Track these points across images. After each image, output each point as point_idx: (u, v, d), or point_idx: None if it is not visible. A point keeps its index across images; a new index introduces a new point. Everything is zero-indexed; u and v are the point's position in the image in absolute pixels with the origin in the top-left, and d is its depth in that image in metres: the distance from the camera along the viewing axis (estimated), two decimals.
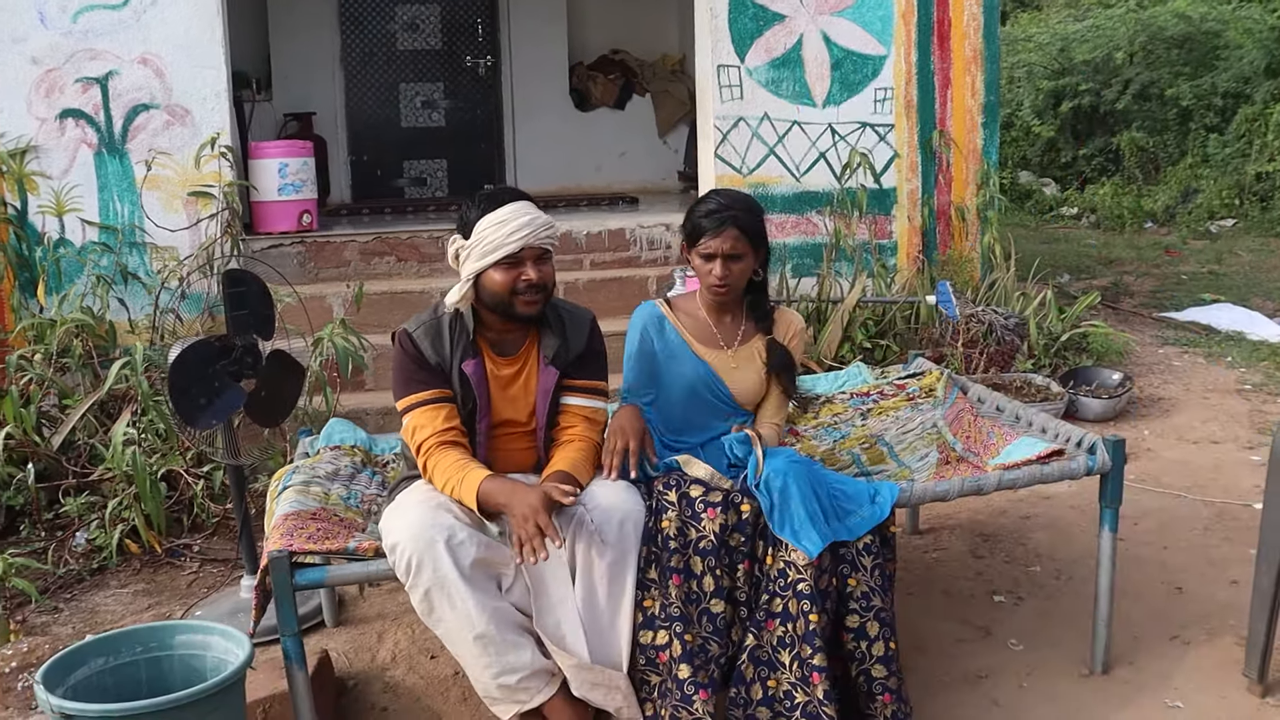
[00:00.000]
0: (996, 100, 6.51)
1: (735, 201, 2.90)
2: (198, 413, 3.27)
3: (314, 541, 2.51)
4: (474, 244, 2.60)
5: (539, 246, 2.61)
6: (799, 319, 3.08)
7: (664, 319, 3.00)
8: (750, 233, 2.87)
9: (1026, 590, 3.58)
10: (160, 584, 3.97)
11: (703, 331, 2.99)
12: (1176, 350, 6.72)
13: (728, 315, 3.01)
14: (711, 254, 2.85)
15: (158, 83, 5.35)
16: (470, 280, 2.62)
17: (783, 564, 2.56)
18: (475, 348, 2.67)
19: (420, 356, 2.64)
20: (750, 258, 2.89)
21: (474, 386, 2.64)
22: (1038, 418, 3.24)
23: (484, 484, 2.47)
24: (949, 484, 2.82)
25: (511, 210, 2.60)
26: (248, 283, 3.45)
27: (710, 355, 2.97)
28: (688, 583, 2.58)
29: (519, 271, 2.59)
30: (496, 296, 2.60)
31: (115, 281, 5.25)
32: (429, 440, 2.59)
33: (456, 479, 2.51)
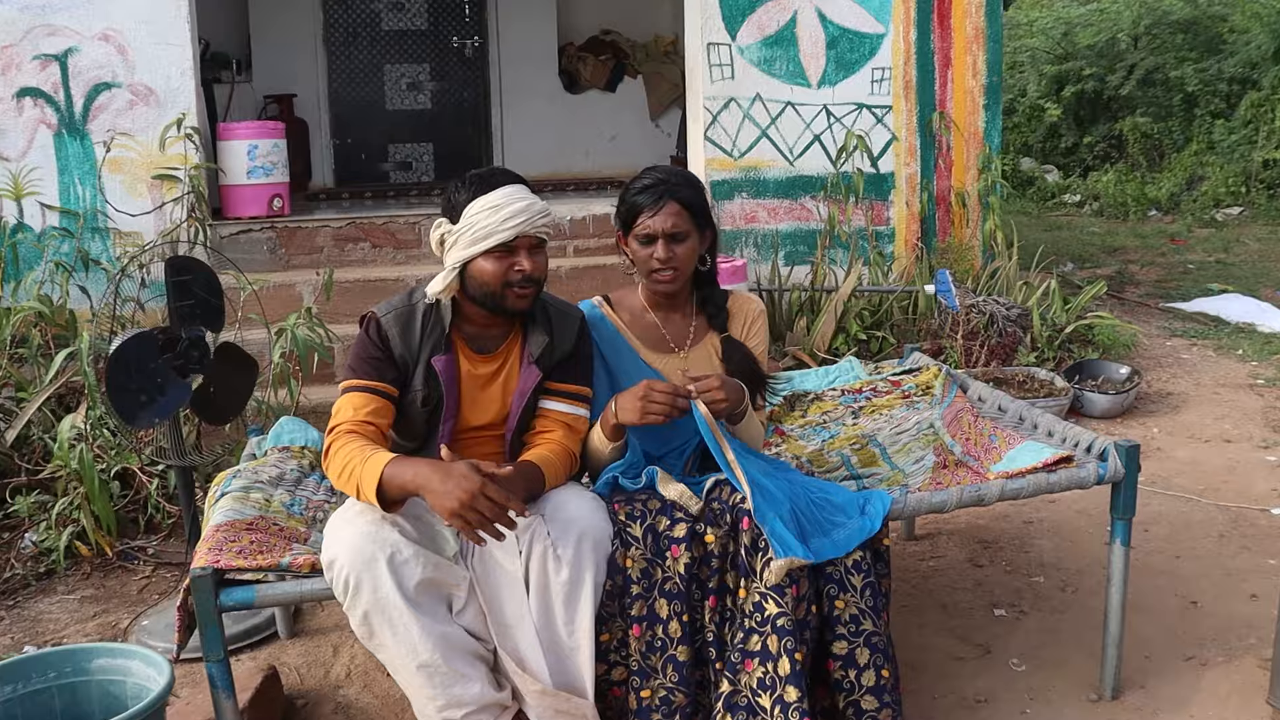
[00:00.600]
0: (999, 81, 6.26)
1: (672, 175, 2.57)
2: (138, 410, 3.04)
3: (244, 556, 2.27)
4: (463, 229, 2.34)
5: (534, 235, 2.36)
6: (756, 303, 2.75)
7: (604, 320, 2.67)
8: (693, 208, 2.54)
9: (1029, 603, 3.34)
10: (110, 590, 3.74)
11: (649, 333, 2.67)
12: (1185, 342, 6.48)
13: (676, 312, 2.68)
14: (650, 234, 2.51)
15: (120, 60, 5.11)
16: (456, 269, 2.37)
17: (758, 596, 2.31)
18: (449, 342, 2.43)
19: (383, 344, 2.40)
20: (694, 238, 2.56)
21: (443, 384, 2.40)
22: (1043, 419, 3.00)
23: (390, 466, 2.14)
24: (946, 494, 2.58)
25: (506, 194, 2.34)
26: (193, 270, 3.21)
27: (660, 361, 2.65)
28: (650, 629, 2.33)
29: (512, 262, 2.34)
30: (485, 288, 2.35)
31: (76, 268, 5.01)
32: (341, 426, 2.32)
33: (357, 463, 2.18)
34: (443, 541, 2.29)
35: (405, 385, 2.42)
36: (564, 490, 2.39)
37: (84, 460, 3.69)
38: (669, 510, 2.37)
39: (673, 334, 2.68)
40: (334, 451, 2.28)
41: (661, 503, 2.39)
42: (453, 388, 2.41)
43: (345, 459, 2.24)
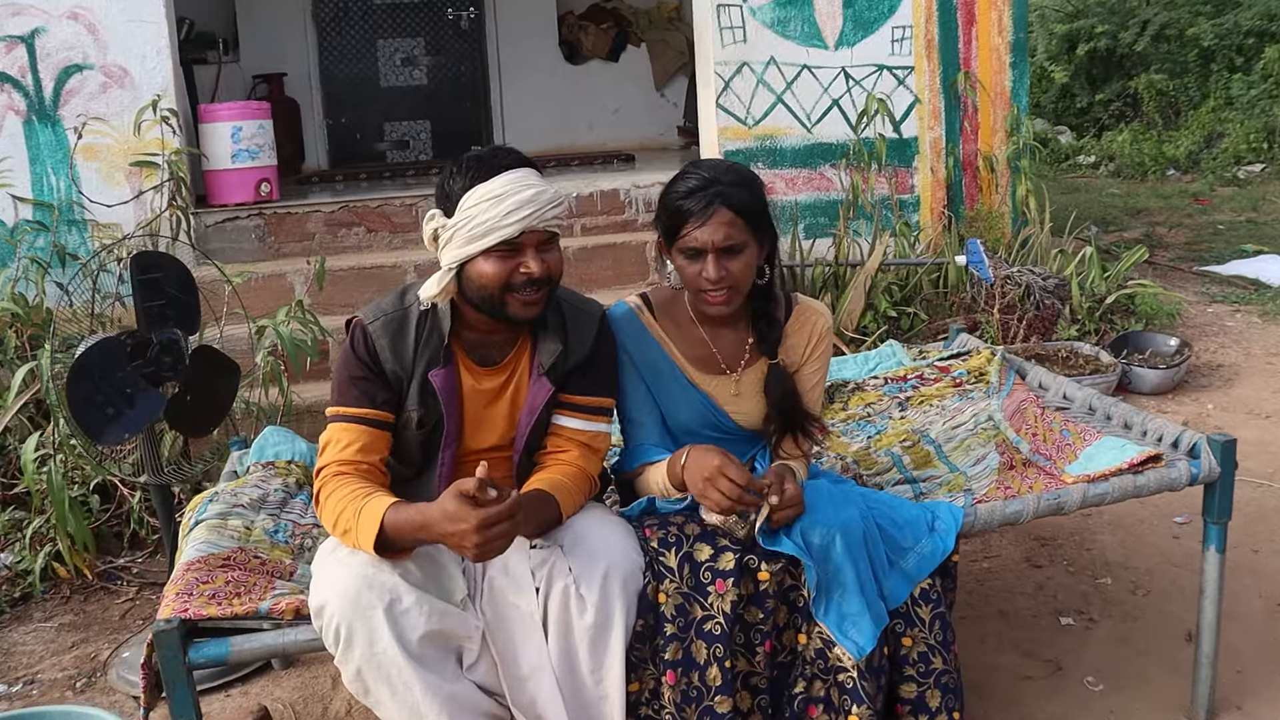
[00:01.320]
0: (1026, 38, 5.89)
1: (723, 173, 2.13)
2: (106, 425, 2.73)
3: (218, 602, 1.96)
4: (459, 224, 1.97)
5: (544, 230, 2.00)
6: (823, 316, 2.33)
7: (645, 332, 2.27)
8: (749, 214, 2.12)
9: (1099, 609, 3.03)
10: (90, 615, 3.44)
11: (697, 350, 2.28)
12: (1227, 308, 6.13)
13: (728, 327, 2.29)
14: (698, 248, 2.10)
15: (91, 40, 4.77)
16: (452, 270, 2.02)
17: (821, 643, 2.01)
18: (448, 353, 2.08)
19: (372, 359, 2.06)
20: (751, 249, 2.14)
21: (442, 403, 2.06)
22: (1117, 409, 2.68)
23: (391, 512, 1.84)
24: (1021, 504, 2.26)
25: (510, 181, 1.96)
26: (164, 267, 2.89)
27: (709, 383, 2.28)
28: (686, 676, 2.00)
29: (517, 262, 1.98)
30: (485, 293, 2.00)
31: (52, 264, 4.68)
32: (330, 466, 2.00)
33: (351, 511, 1.88)
34: (450, 582, 1.97)
35: (399, 405, 2.09)
36: (586, 516, 2.06)
37: (53, 482, 3.38)
38: (710, 536, 2.05)
39: (724, 352, 2.29)
40: (325, 498, 1.97)
41: (701, 527, 2.07)
42: (454, 407, 2.08)
43: (337, 507, 1.93)
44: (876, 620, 2.03)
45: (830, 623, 2.01)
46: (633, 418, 2.27)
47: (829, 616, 2.02)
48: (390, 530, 1.85)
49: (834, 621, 2.01)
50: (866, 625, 2.01)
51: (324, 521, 1.98)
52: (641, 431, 2.26)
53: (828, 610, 2.02)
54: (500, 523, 1.77)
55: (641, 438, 2.26)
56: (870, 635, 2.01)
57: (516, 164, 2.02)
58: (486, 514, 1.75)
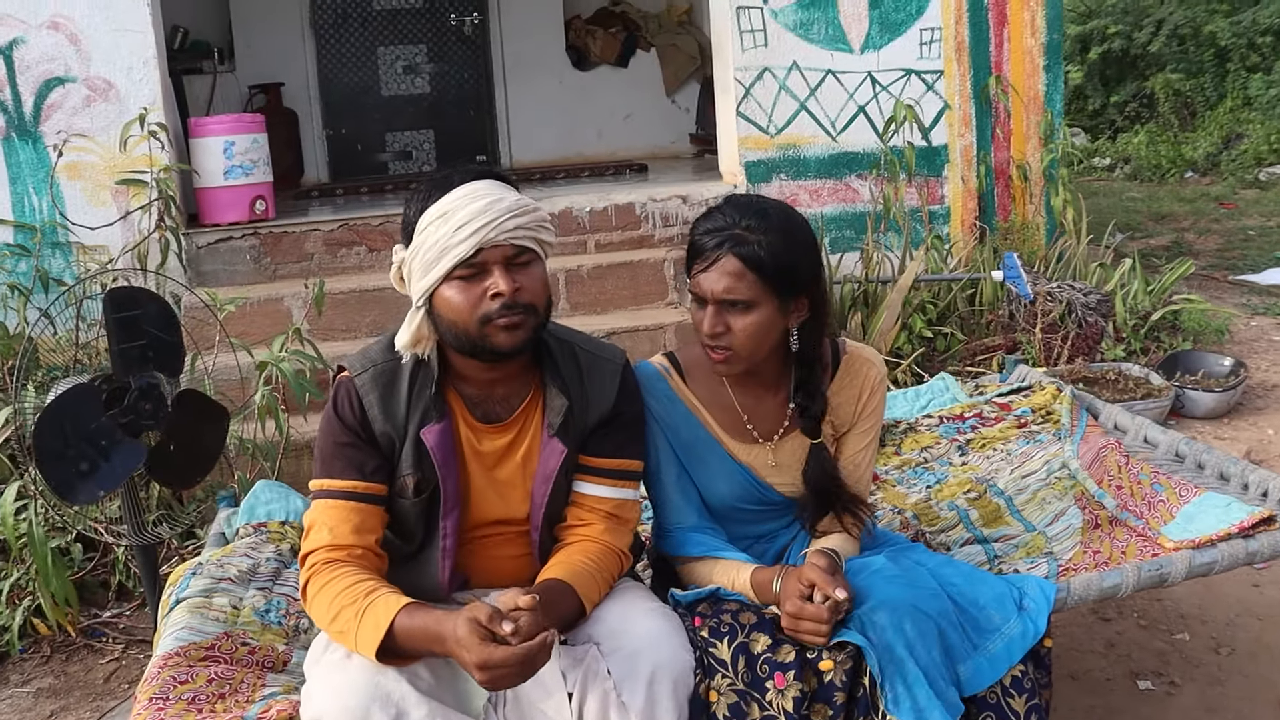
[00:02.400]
0: (1060, 39, 5.62)
1: (750, 216, 1.84)
2: (79, 481, 2.46)
3: (196, 709, 1.68)
4: (414, 252, 1.74)
5: (508, 244, 1.72)
6: (877, 367, 2.04)
7: (675, 398, 2.00)
8: (765, 268, 1.82)
9: (1179, 670, 2.74)
10: (72, 677, 3.16)
11: (727, 416, 2.01)
12: (1271, 321, 5.84)
13: (763, 390, 2.01)
14: (700, 295, 1.86)
15: (73, 51, 4.50)
16: (421, 309, 1.76)
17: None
18: (442, 407, 1.80)
19: (358, 422, 1.78)
20: (765, 310, 1.85)
21: (437, 464, 1.78)
22: (1209, 457, 2.40)
23: (404, 616, 1.58)
24: (1120, 574, 1.98)
25: (461, 195, 1.70)
26: (143, 303, 2.61)
27: (747, 453, 2.00)
28: None
29: (484, 284, 1.71)
30: (457, 328, 1.73)
31: (34, 290, 4.41)
32: (317, 554, 1.73)
33: (351, 611, 1.62)
34: (471, 689, 1.68)
35: (392, 473, 1.81)
36: (623, 604, 1.77)
37: (34, 535, 3.10)
38: (768, 625, 1.76)
39: (759, 418, 2.01)
40: (316, 591, 1.69)
41: (757, 615, 1.78)
42: (451, 468, 1.79)
43: (333, 605, 1.65)
44: (950, 710, 1.74)
45: (904, 715, 1.72)
46: (667, 496, 1.99)
47: (901, 708, 1.73)
48: (401, 637, 1.57)
49: (908, 713, 1.72)
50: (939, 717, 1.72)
51: (316, 618, 1.70)
52: (679, 513, 1.98)
53: (898, 701, 1.73)
54: (509, 666, 1.50)
55: (682, 520, 1.98)
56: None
57: (474, 177, 1.75)
58: (489, 656, 1.49)
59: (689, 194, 5.24)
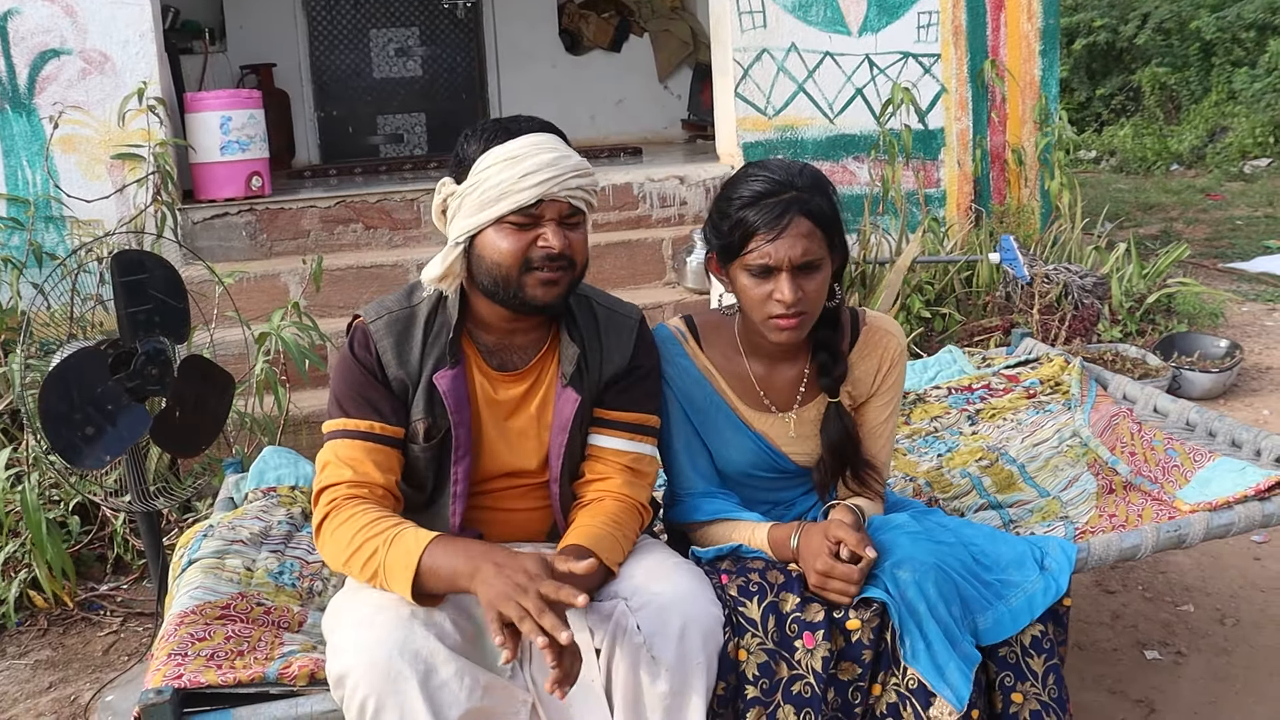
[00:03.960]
0: (1057, 24, 5.63)
1: (797, 175, 1.82)
2: (84, 446, 2.42)
3: (217, 665, 1.66)
4: (470, 189, 1.70)
5: (567, 201, 1.71)
6: (897, 337, 2.01)
7: (689, 363, 1.98)
8: (827, 223, 1.81)
9: (1185, 641, 2.75)
10: (70, 650, 3.13)
11: (742, 385, 1.99)
12: (1262, 307, 5.88)
13: (785, 360, 1.98)
14: (771, 266, 1.79)
15: (68, 23, 4.44)
16: (461, 244, 1.73)
17: (895, 695, 1.72)
18: (458, 352, 1.79)
19: (374, 365, 1.77)
20: (829, 266, 1.84)
21: (450, 410, 1.76)
22: (1220, 424, 2.40)
23: (431, 548, 1.58)
24: (1139, 535, 1.98)
25: (530, 143, 1.69)
26: (150, 268, 2.58)
27: (763, 421, 1.98)
28: None
29: (534, 235, 1.70)
30: (497, 271, 1.71)
31: (28, 264, 4.36)
32: (337, 488, 1.71)
33: (379, 544, 1.61)
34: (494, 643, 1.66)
35: (407, 418, 1.80)
36: (650, 560, 1.75)
37: (28, 503, 3.06)
38: (796, 584, 1.75)
39: (779, 390, 1.98)
40: (334, 527, 1.66)
41: (784, 574, 1.77)
42: (464, 414, 1.77)
43: (355, 538, 1.62)
44: (967, 661, 1.74)
45: (923, 668, 1.71)
46: (680, 461, 1.97)
47: (919, 661, 1.72)
48: (427, 575, 1.56)
49: (927, 667, 1.72)
50: (955, 670, 1.72)
51: (331, 556, 1.68)
52: (690, 479, 1.97)
53: (917, 655, 1.73)
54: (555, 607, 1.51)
55: (692, 486, 1.97)
56: (965, 680, 1.71)
57: (539, 129, 1.75)
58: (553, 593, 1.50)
59: (686, 175, 5.23)
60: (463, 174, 1.73)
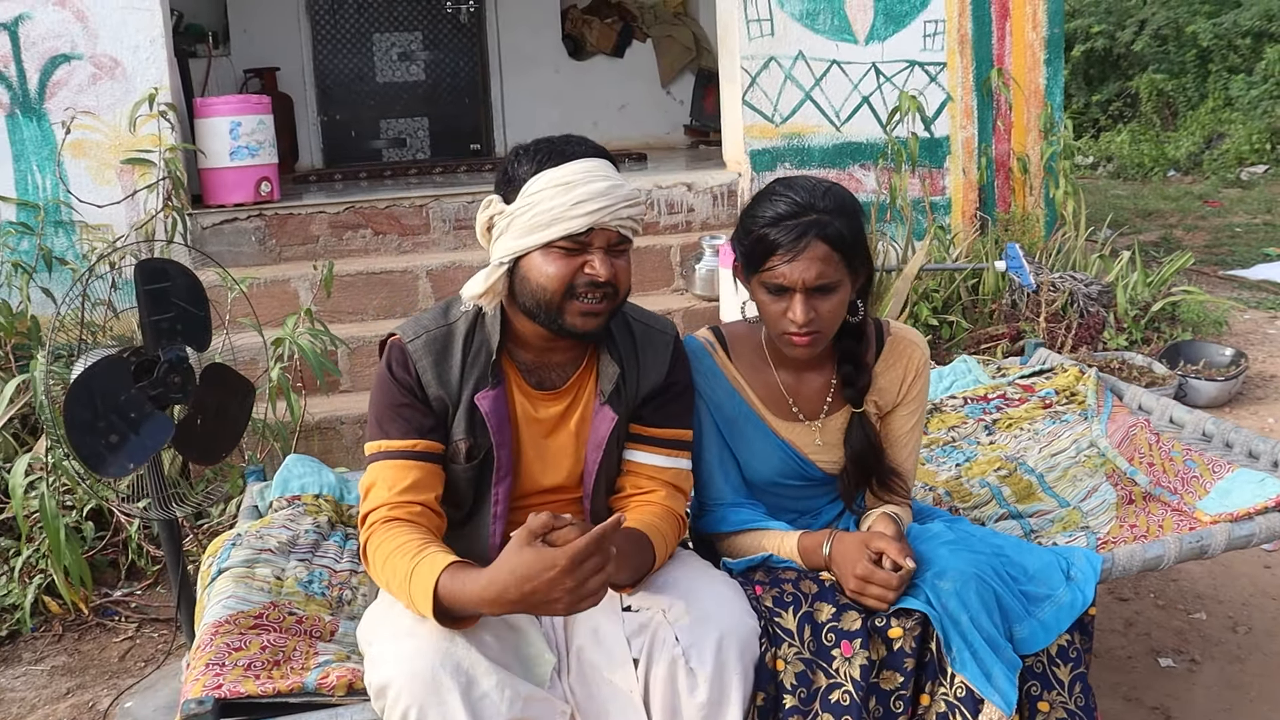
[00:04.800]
0: (1061, 34, 5.66)
1: (820, 197, 1.83)
2: (108, 454, 2.43)
3: (255, 675, 1.67)
4: (520, 211, 1.70)
5: (616, 230, 1.72)
6: (920, 347, 2.04)
7: (718, 374, 2.01)
8: (846, 246, 1.83)
9: (1199, 649, 2.77)
10: (86, 655, 3.14)
11: (771, 394, 2.02)
12: (1265, 315, 5.91)
13: (810, 371, 2.02)
14: (785, 286, 1.84)
15: (79, 28, 4.45)
16: (504, 266, 1.74)
17: (944, 706, 1.73)
18: (498, 372, 1.80)
19: (413, 384, 1.78)
20: (846, 287, 1.87)
21: (491, 429, 1.78)
22: (1238, 435, 2.43)
23: (446, 578, 1.55)
24: (1162, 546, 2.00)
25: (583, 170, 1.70)
26: (172, 276, 2.59)
27: (790, 430, 2.01)
28: None
29: (581, 262, 1.71)
30: (540, 295, 1.72)
31: (37, 268, 4.37)
32: (377, 512, 1.72)
33: (403, 572, 1.60)
34: (531, 650, 1.67)
35: (447, 435, 1.81)
36: (686, 571, 1.77)
37: (46, 509, 3.07)
38: (831, 594, 1.77)
39: (805, 399, 2.01)
40: (372, 552, 1.68)
41: (818, 583, 1.79)
42: (505, 435, 1.79)
43: (386, 566, 1.64)
44: (1010, 666, 1.76)
45: (971, 675, 1.73)
46: (709, 472, 2.00)
47: (967, 669, 1.74)
48: (446, 600, 1.55)
49: (975, 674, 1.73)
50: (1001, 675, 1.74)
51: (376, 578, 1.69)
52: (719, 489, 1.99)
53: (964, 663, 1.74)
54: (594, 557, 1.48)
55: (721, 496, 1.99)
56: (1011, 685, 1.73)
57: (592, 154, 1.76)
58: (576, 548, 1.46)
59: (694, 182, 5.25)
60: (512, 194, 1.73)
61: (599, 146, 1.79)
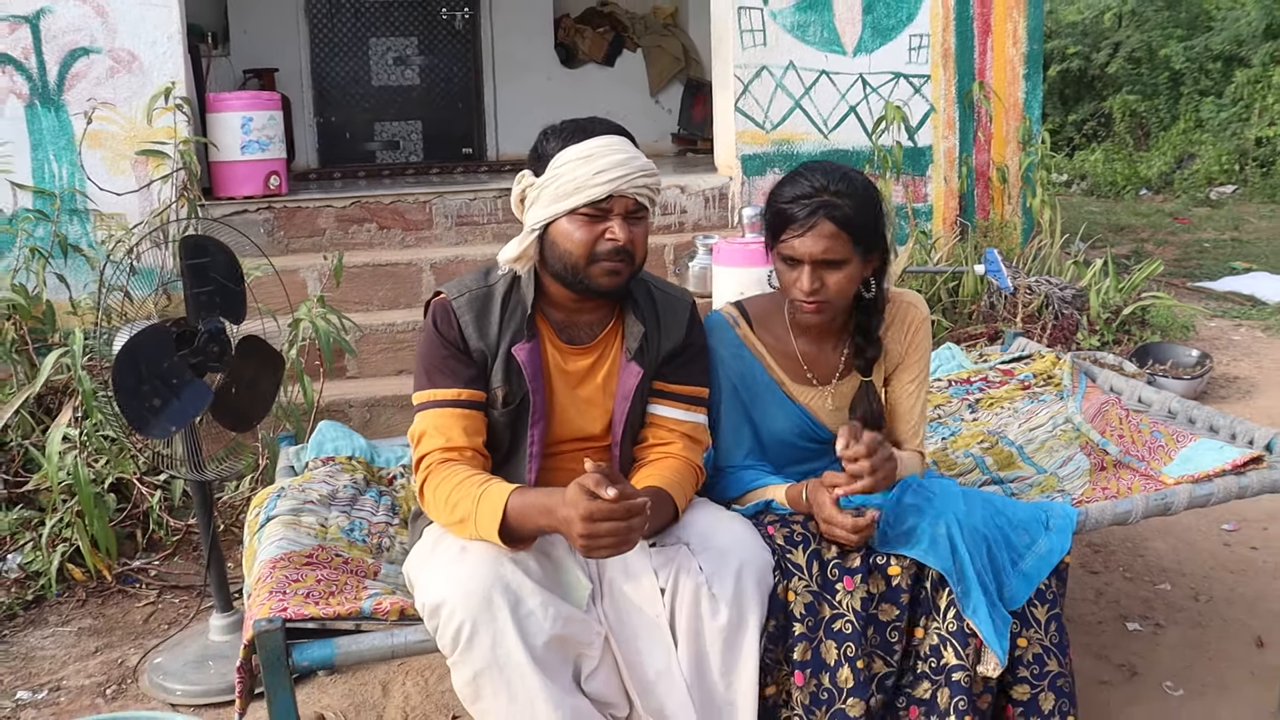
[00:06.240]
0: (1041, 50, 5.90)
1: (835, 181, 2.02)
2: (151, 417, 2.59)
3: (315, 601, 1.84)
4: (548, 182, 1.90)
5: (633, 197, 1.92)
6: (919, 308, 2.23)
7: (741, 346, 2.19)
8: (855, 229, 2.01)
9: (1163, 615, 2.98)
10: (111, 619, 3.28)
11: (789, 362, 2.20)
12: (1229, 323, 6.18)
13: (826, 340, 2.21)
14: (796, 257, 2.03)
15: (99, 23, 4.61)
16: (536, 232, 1.94)
17: (937, 639, 1.93)
18: (533, 327, 1.99)
19: (457, 337, 1.96)
20: (854, 265, 2.04)
21: (527, 377, 1.96)
22: (1200, 412, 2.64)
23: (515, 497, 1.77)
24: (1131, 503, 2.20)
25: (603, 144, 1.90)
26: (211, 252, 2.77)
27: (805, 394, 2.20)
28: (816, 678, 1.91)
29: (603, 228, 1.90)
30: (568, 259, 1.92)
31: (53, 254, 4.50)
32: (432, 455, 1.91)
33: (469, 499, 1.79)
34: (569, 576, 1.86)
35: (487, 384, 2.00)
36: (706, 513, 1.97)
37: (78, 474, 3.22)
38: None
39: (820, 364, 2.20)
40: (433, 488, 1.87)
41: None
42: (539, 382, 1.98)
43: (452, 496, 1.82)
44: (1004, 622, 1.96)
45: (980, 621, 1.92)
46: (724, 436, 2.18)
47: (979, 615, 1.93)
48: (514, 517, 1.75)
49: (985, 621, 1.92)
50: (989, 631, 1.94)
51: (434, 513, 1.87)
52: (731, 453, 2.18)
53: (976, 609, 1.93)
54: (609, 520, 1.66)
55: (733, 459, 2.18)
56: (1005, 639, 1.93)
57: (612, 131, 1.97)
58: (594, 506, 1.65)
59: (686, 185, 5.45)
60: (541, 168, 1.93)
61: (618, 125, 2.00)
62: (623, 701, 1.85)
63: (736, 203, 5.43)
